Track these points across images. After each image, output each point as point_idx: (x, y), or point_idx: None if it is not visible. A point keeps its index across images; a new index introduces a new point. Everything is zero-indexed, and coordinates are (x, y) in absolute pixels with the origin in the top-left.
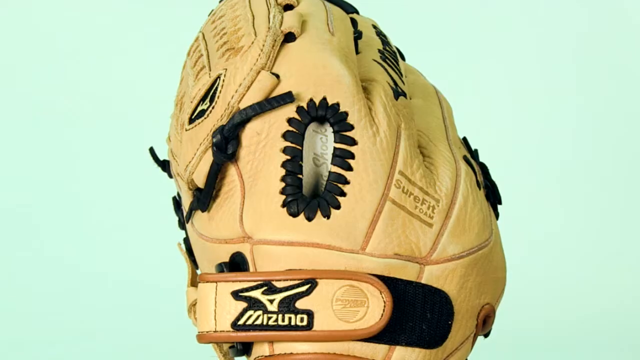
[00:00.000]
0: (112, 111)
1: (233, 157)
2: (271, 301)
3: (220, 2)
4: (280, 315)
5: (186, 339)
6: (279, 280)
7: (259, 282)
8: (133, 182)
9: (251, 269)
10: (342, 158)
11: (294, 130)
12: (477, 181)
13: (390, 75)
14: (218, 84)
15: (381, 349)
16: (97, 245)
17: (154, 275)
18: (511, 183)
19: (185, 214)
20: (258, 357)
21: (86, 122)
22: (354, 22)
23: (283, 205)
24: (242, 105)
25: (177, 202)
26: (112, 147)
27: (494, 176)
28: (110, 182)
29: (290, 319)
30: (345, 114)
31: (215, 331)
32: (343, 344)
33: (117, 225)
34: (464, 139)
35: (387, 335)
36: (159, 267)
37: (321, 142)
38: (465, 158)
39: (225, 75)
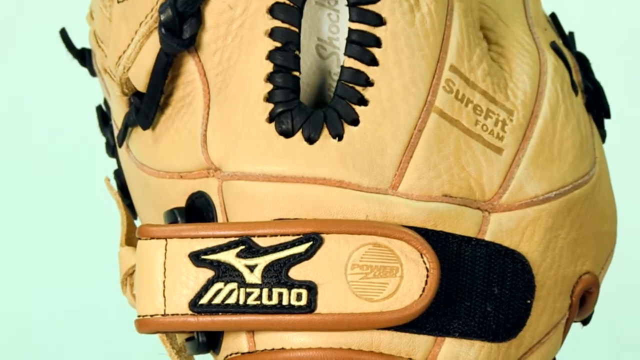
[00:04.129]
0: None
1: (192, 45)
2: (251, 268)
3: None
4: (265, 290)
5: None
6: (264, 235)
7: (233, 239)
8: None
9: (220, 218)
10: (362, 46)
11: (287, 1)
12: (573, 82)
13: None
14: None
15: (422, 342)
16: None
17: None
18: (625, 85)
19: (116, 132)
20: (231, 354)
21: None
22: None
23: (270, 120)
24: None
25: (103, 114)
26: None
27: (599, 76)
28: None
29: (280, 295)
30: None
31: (164, 314)
32: (363, 335)
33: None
34: (553, 17)
35: (431, 321)
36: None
37: (329, 21)
38: (553, 46)
39: None
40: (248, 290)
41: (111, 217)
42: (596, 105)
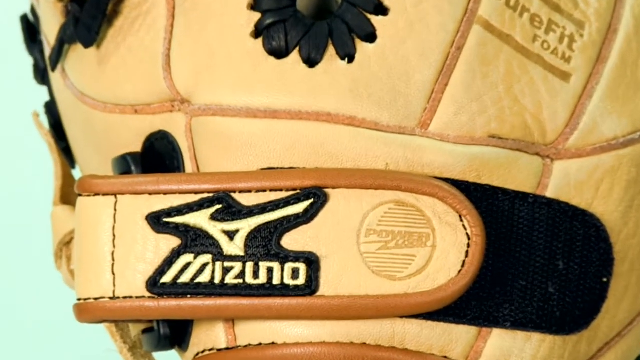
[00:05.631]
0: None
1: None
2: (231, 235)
3: None
4: (249, 265)
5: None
6: (248, 190)
7: (206, 196)
8: None
9: (188, 167)
10: None
11: None
12: None
13: None
14: None
15: (461, 334)
16: None
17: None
18: None
19: (48, 51)
20: (204, 351)
21: None
22: None
23: (256, 34)
24: None
25: (29, 26)
26: None
27: None
28: None
29: (270, 272)
30: None
31: (113, 297)
32: (382, 325)
33: None
34: None
35: (474, 306)
36: None
37: None
38: None
39: None
40: (227, 264)
41: (42, 166)
42: None
